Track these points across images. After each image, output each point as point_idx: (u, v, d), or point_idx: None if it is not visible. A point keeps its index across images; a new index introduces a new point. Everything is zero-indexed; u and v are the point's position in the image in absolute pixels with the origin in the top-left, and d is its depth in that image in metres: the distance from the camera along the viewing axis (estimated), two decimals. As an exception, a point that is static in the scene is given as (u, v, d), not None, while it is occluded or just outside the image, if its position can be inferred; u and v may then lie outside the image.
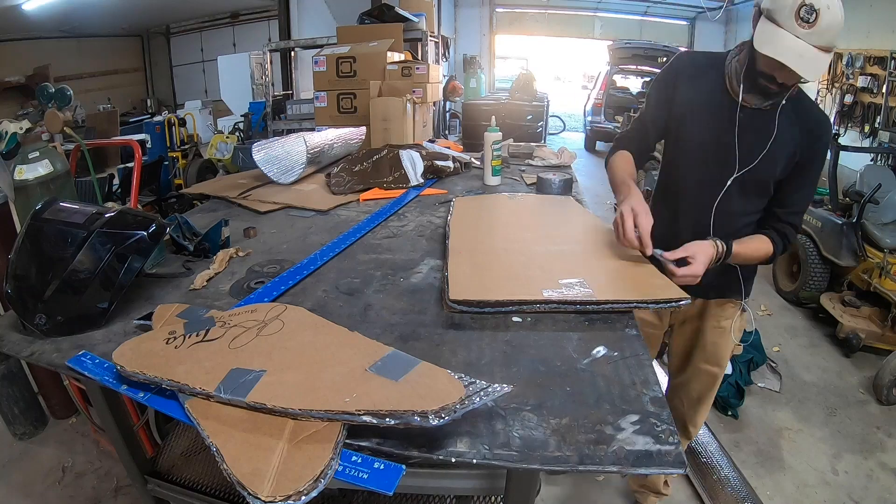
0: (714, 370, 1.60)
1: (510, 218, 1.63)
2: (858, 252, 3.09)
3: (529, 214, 1.65)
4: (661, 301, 1.04)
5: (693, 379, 1.64)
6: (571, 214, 1.61)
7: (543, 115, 6.14)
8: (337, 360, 0.80)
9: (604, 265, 1.19)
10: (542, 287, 1.06)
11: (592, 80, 10.68)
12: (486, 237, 1.42)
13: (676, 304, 1.03)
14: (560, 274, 1.12)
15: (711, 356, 1.58)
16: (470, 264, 1.19)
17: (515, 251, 1.28)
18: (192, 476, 1.24)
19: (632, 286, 1.09)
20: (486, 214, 1.64)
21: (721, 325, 1.54)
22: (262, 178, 2.03)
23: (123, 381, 0.83)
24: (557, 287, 1.06)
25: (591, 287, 1.06)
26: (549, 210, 1.68)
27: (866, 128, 5.45)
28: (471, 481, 1.10)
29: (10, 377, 2.24)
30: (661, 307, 1.06)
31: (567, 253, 1.26)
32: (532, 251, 1.27)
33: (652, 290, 1.07)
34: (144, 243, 1.07)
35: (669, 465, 0.69)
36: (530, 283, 1.09)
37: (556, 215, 1.62)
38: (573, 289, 1.05)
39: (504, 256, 1.25)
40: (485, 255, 1.26)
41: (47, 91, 4.09)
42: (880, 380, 2.58)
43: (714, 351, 1.57)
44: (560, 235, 1.40)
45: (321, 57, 2.80)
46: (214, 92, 8.12)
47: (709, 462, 2.06)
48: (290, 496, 0.62)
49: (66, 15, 7.00)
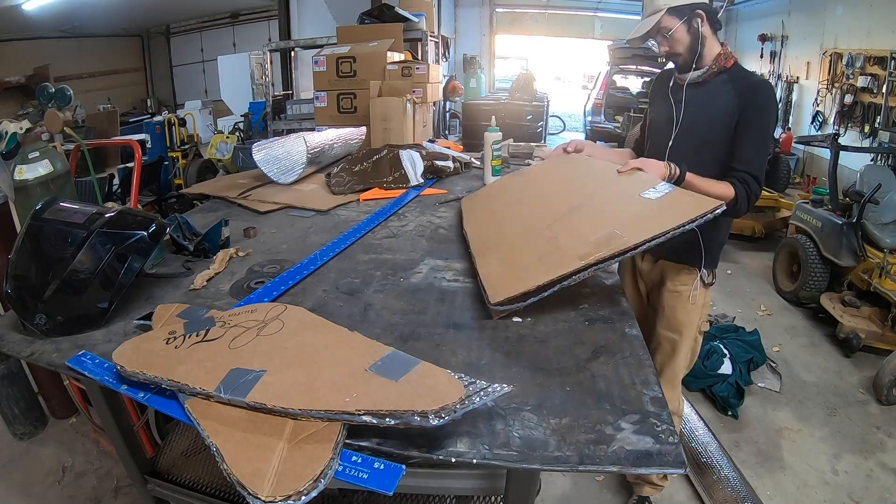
0: (672, 336, 1.65)
1: (520, 197, 1.60)
2: (858, 252, 3.09)
3: (535, 188, 1.62)
4: (696, 218, 1.03)
5: (657, 348, 1.69)
6: (572, 169, 1.61)
7: (543, 115, 6.14)
8: (337, 360, 0.80)
9: (624, 208, 1.20)
10: (578, 253, 1.04)
11: (592, 80, 10.66)
12: (503, 227, 1.40)
13: (712, 214, 1.04)
14: (589, 232, 1.10)
15: (669, 321, 1.64)
16: (498, 261, 1.18)
17: (537, 229, 1.25)
18: (192, 476, 1.24)
19: (660, 217, 1.08)
20: (496, 204, 1.62)
21: (677, 289, 1.61)
22: (262, 178, 2.03)
23: (123, 381, 0.83)
24: (592, 247, 1.03)
25: (623, 233, 1.04)
26: (552, 174, 1.66)
27: (866, 128, 5.44)
28: (471, 481, 1.10)
29: (10, 377, 2.24)
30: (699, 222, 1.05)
31: (586, 208, 1.26)
32: (553, 223, 1.24)
33: (683, 211, 1.06)
34: (144, 243, 1.07)
35: (669, 465, 0.69)
36: (563, 255, 1.07)
37: (559, 176, 1.61)
38: (610, 243, 1.02)
39: (528, 239, 1.23)
40: (509, 246, 1.24)
41: (47, 91, 4.09)
42: (880, 380, 2.58)
43: (672, 316, 1.63)
44: (572, 194, 1.40)
45: (321, 57, 2.80)
46: (214, 92, 8.12)
47: (709, 462, 2.05)
48: (290, 496, 0.62)
49: (66, 15, 7.00)
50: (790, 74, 6.94)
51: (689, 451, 2.13)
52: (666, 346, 1.68)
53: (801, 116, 6.62)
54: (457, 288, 1.17)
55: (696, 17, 1.42)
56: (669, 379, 1.71)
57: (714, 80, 1.47)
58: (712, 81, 1.47)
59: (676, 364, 1.69)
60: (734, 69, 1.47)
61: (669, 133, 1.54)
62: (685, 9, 1.40)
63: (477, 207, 1.62)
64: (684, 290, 1.61)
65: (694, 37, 1.43)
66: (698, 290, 1.59)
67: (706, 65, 1.46)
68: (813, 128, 6.29)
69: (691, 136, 1.50)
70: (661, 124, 1.59)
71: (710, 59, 1.46)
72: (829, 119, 6.03)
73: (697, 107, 1.49)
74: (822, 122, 6.15)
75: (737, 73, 1.46)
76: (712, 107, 1.46)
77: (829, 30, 6.15)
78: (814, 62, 6.43)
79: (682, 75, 1.52)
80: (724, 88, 1.45)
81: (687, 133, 1.51)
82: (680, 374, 1.72)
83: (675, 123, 1.52)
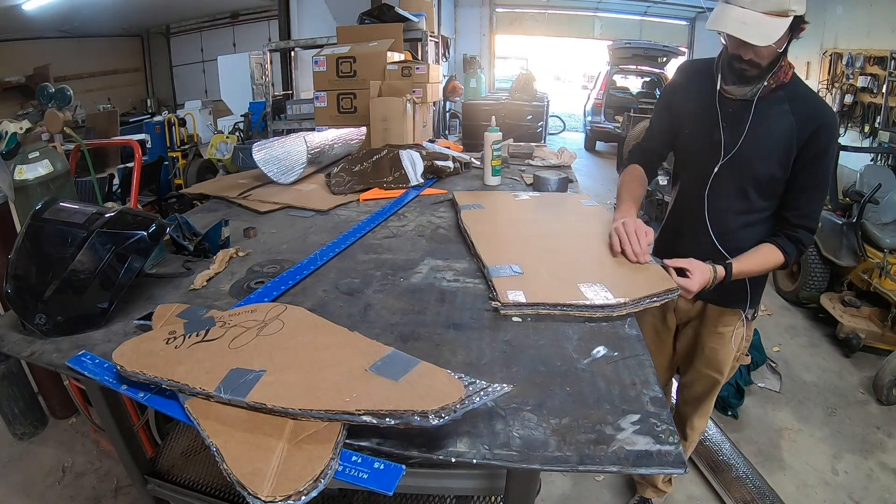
0: (713, 375, 1.59)
1: (519, 221, 1.58)
2: (858, 252, 3.09)
3: (532, 216, 1.61)
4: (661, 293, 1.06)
5: (695, 381, 1.64)
6: (571, 215, 1.60)
7: (543, 115, 6.14)
8: (337, 360, 0.80)
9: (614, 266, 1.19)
10: (578, 285, 1.07)
11: (592, 81, 10.67)
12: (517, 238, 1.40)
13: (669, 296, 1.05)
14: (581, 277, 1.12)
15: (710, 361, 1.57)
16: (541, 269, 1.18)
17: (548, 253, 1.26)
18: (192, 476, 1.24)
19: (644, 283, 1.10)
20: (498, 219, 1.58)
21: (719, 331, 1.52)
22: (262, 178, 2.03)
23: (123, 381, 0.83)
24: (579, 291, 1.06)
25: (610, 291, 1.06)
26: (550, 212, 1.65)
27: (866, 128, 5.45)
28: (471, 481, 1.10)
29: (10, 377, 2.24)
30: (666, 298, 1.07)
31: (582, 256, 1.26)
32: (554, 256, 1.25)
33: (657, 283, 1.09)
34: (144, 243, 1.07)
35: (669, 465, 0.68)
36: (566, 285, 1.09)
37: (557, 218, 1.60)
38: (598, 294, 1.05)
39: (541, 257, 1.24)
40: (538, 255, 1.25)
41: (47, 91, 4.09)
42: (880, 380, 2.58)
43: (712, 356, 1.56)
44: (568, 237, 1.39)
45: (321, 57, 2.80)
46: (214, 92, 8.11)
47: (725, 461, 2.08)
48: (290, 496, 0.62)
49: (66, 15, 7.00)
50: (790, 74, 6.93)
51: (704, 451, 2.14)
52: (706, 383, 1.62)
53: (801, 116, 6.61)
54: (457, 288, 1.17)
55: (800, 30, 1.16)
56: (704, 412, 1.69)
57: (771, 97, 1.25)
58: (769, 98, 1.25)
59: (713, 397, 1.65)
60: (792, 83, 1.25)
61: (714, 160, 1.31)
62: (800, 19, 1.14)
63: (479, 219, 1.55)
64: (726, 331, 1.50)
65: (784, 51, 1.20)
66: (742, 328, 1.50)
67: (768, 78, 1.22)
68: (813, 128, 6.29)
69: (744, 166, 1.29)
70: (702, 148, 1.35)
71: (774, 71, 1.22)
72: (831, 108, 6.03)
73: (752, 131, 1.26)
74: (822, 122, 6.14)
75: (795, 90, 1.25)
76: (769, 133, 1.25)
77: (829, 30, 6.15)
78: (814, 62, 6.43)
79: (736, 87, 1.26)
80: (782, 109, 1.24)
81: (739, 161, 1.29)
82: (713, 404, 1.69)
83: (724, 148, 1.29)
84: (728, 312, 1.49)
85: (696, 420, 1.72)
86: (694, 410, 1.70)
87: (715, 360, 1.56)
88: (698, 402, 1.67)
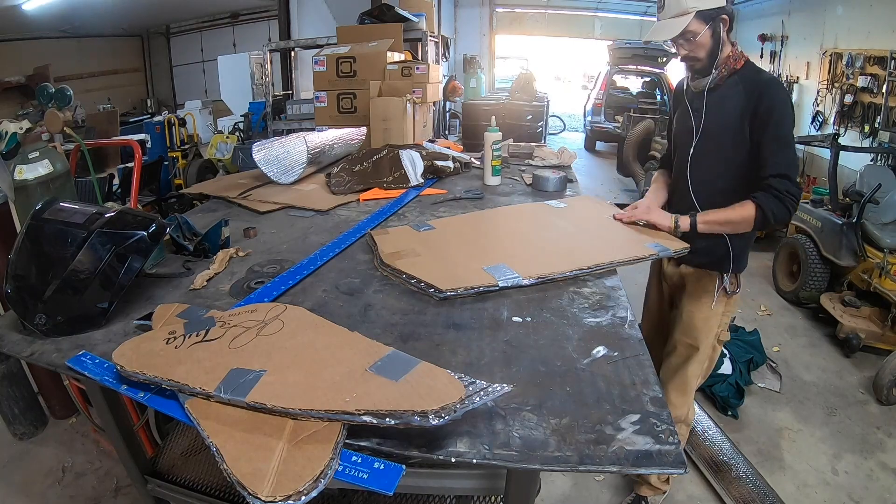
0: (688, 342, 1.63)
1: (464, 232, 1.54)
2: (858, 252, 3.09)
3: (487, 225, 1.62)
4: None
5: (671, 352, 1.69)
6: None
7: (543, 115, 6.13)
8: (337, 360, 0.80)
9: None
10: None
11: (592, 81, 10.67)
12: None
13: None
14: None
15: (687, 327, 1.63)
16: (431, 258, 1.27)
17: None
18: (192, 476, 1.24)
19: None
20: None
21: (697, 294, 1.60)
22: (262, 178, 2.03)
23: (123, 381, 0.83)
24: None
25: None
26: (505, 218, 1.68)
27: (866, 128, 5.43)
28: (471, 481, 1.10)
29: (10, 377, 2.24)
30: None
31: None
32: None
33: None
34: (144, 243, 1.07)
35: (669, 465, 0.69)
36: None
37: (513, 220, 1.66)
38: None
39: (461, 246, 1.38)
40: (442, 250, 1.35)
41: (47, 91, 4.08)
42: (880, 380, 2.58)
43: (689, 321, 1.62)
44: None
45: (321, 57, 2.80)
46: (214, 92, 8.11)
47: (726, 461, 2.06)
48: (290, 496, 0.62)
49: (66, 15, 6.99)
50: (790, 74, 6.93)
51: (704, 450, 2.13)
52: (681, 351, 1.66)
53: (801, 116, 6.60)
54: (457, 288, 1.17)
55: (721, 21, 1.39)
56: (679, 385, 1.68)
57: (726, 83, 1.46)
58: (724, 84, 1.46)
59: (689, 370, 1.66)
60: (745, 69, 1.45)
61: (691, 142, 1.53)
62: (712, 12, 1.37)
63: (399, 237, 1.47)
64: (704, 295, 1.59)
65: (716, 42, 1.40)
66: (718, 296, 1.57)
67: (717, 68, 1.44)
68: (813, 128, 6.28)
69: (711, 144, 1.49)
70: (683, 135, 1.58)
71: (722, 62, 1.44)
72: (829, 119, 6.02)
73: (712, 112, 1.47)
74: (822, 122, 6.15)
75: (746, 73, 1.44)
76: (725, 110, 1.45)
77: (829, 30, 6.14)
78: (814, 62, 6.43)
79: (697, 82, 1.50)
80: (736, 90, 1.44)
81: (707, 141, 1.50)
82: (692, 382, 1.68)
83: (695, 132, 1.51)
84: (705, 276, 1.59)
85: (673, 395, 1.69)
86: (670, 380, 1.69)
87: (691, 326, 1.62)
88: (674, 372, 1.68)
